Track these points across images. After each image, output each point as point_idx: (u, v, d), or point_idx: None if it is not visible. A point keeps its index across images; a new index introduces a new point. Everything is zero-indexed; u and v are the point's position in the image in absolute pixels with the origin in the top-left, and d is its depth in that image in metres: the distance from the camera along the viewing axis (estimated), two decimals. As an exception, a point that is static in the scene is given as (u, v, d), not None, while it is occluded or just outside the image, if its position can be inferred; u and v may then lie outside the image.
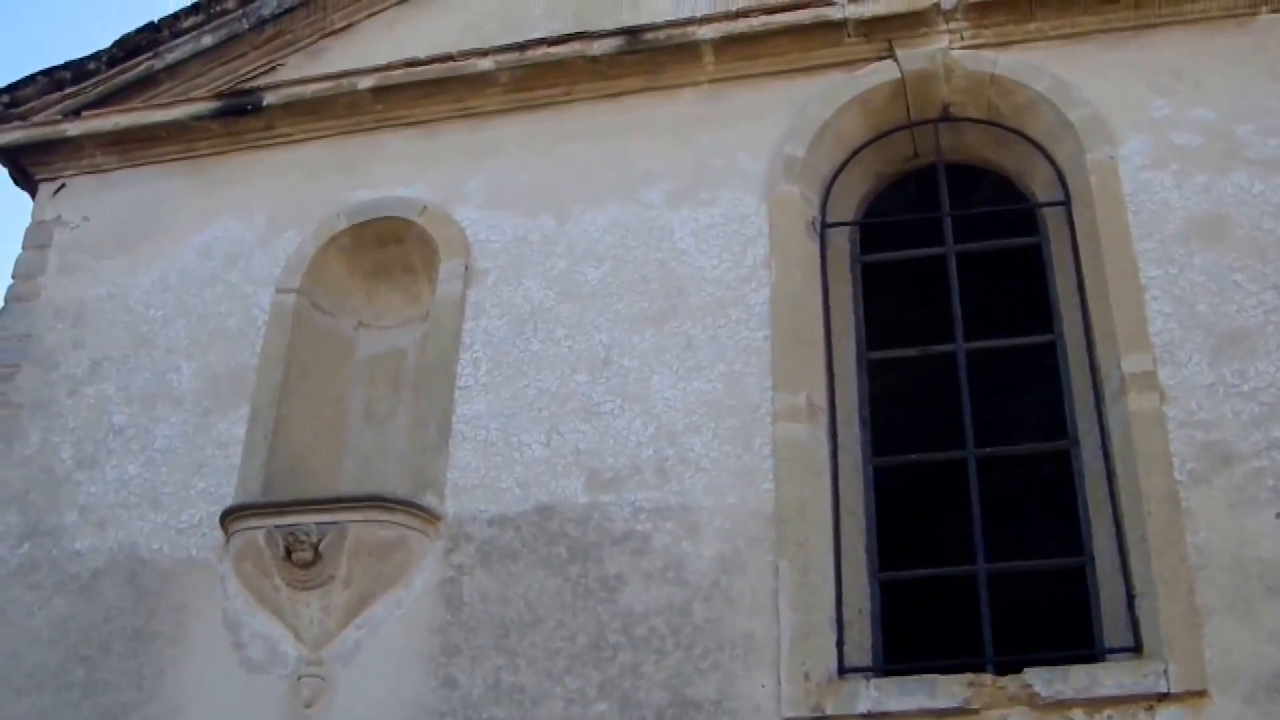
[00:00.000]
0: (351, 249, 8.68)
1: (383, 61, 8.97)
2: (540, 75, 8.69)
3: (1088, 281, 7.59)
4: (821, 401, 7.50)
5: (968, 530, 7.26)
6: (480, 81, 8.75)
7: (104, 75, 9.54)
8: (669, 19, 8.65)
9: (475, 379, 7.90)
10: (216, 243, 8.88)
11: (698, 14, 8.67)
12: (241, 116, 9.12)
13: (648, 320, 7.81)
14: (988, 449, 7.58)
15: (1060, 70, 8.10)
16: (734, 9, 8.59)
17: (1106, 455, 7.16)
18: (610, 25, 8.71)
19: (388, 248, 8.67)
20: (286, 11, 9.50)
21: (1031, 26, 8.24)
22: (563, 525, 7.36)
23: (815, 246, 8.00)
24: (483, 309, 8.10)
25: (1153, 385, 7.07)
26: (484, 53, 8.75)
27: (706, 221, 8.05)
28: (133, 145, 9.32)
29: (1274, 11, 8.08)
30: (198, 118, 9.18)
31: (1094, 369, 7.40)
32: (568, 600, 7.17)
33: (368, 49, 9.26)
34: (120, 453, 8.27)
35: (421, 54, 8.90)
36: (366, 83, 8.91)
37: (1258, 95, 7.84)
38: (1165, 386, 7.07)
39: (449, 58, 8.81)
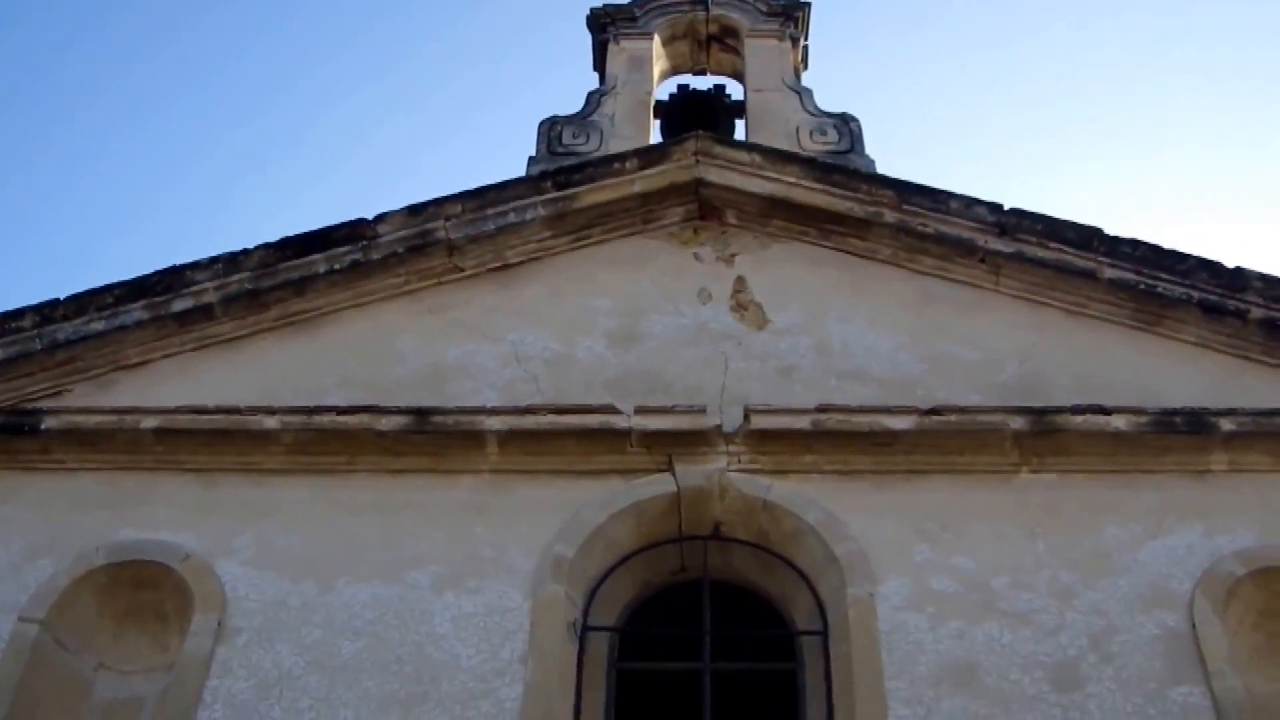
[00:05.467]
0: (106, 587, 8.38)
1: (170, 404, 8.91)
2: (325, 442, 8.70)
3: (838, 714, 7.66)
4: (562, 808, 7.37)
5: None
6: (264, 439, 8.72)
7: (-119, 374, 9.30)
8: (460, 405, 8.80)
9: (210, 740, 7.61)
10: (-34, 560, 8.53)
11: (488, 404, 8.84)
12: (17, 436, 8.89)
13: (396, 702, 7.62)
14: None
15: (831, 504, 8.38)
16: (524, 404, 8.79)
17: None
18: (402, 403, 8.81)
19: (143, 591, 8.39)
20: (82, 339, 9.39)
21: (807, 459, 8.57)
22: None
23: (574, 648, 7.97)
24: (229, 668, 7.83)
25: (885, 827, 7.10)
26: (271, 411, 8.76)
27: (469, 610, 7.98)
28: (-100, 449, 9.01)
29: (1034, 472, 8.57)
30: (-29, 431, 8.95)
31: (837, 802, 7.43)
32: None
33: (158, 389, 9.19)
34: None
35: (210, 402, 8.88)
36: (150, 422, 8.81)
37: (1015, 550, 8.22)
38: (895, 830, 7.11)
39: (236, 410, 8.79)
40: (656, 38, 12.58)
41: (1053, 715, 7.53)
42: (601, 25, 12.66)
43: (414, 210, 9.83)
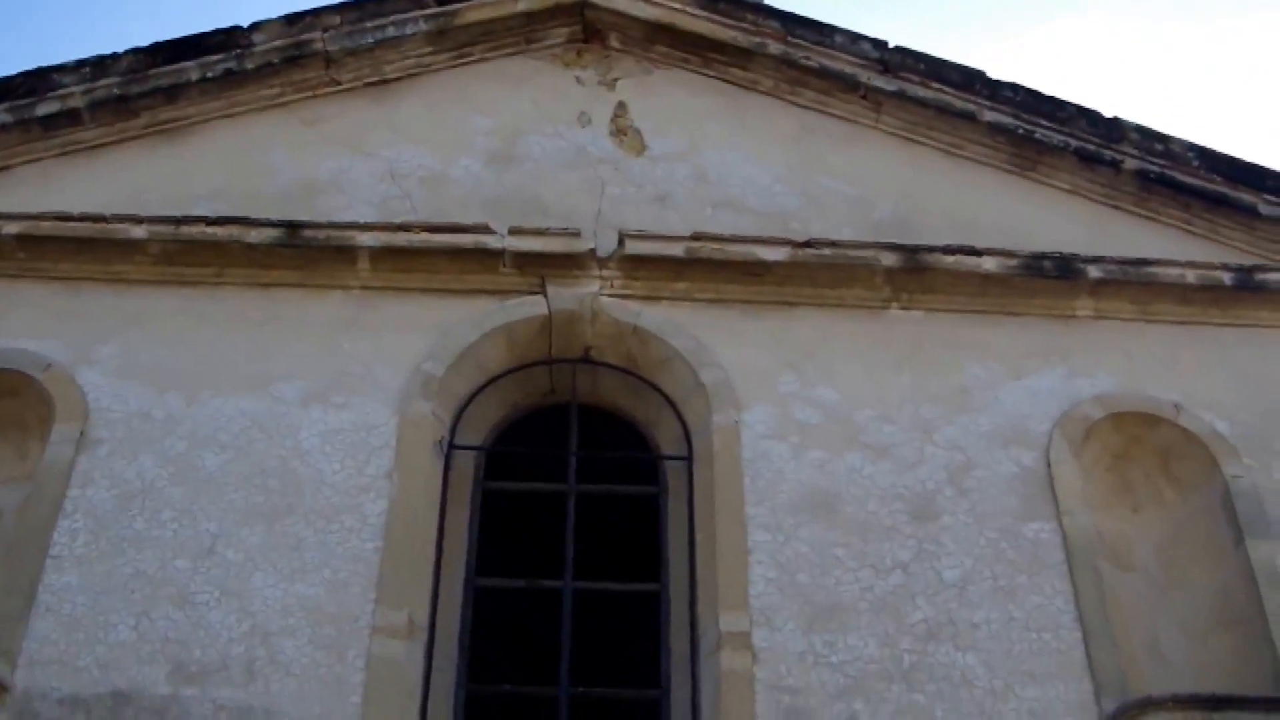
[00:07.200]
0: (-34, 397, 8.27)
1: (33, 210, 8.68)
2: (193, 253, 8.55)
3: (699, 538, 7.80)
4: (423, 621, 7.41)
5: (554, 767, 7.24)
6: (130, 248, 8.55)
7: None
8: (332, 220, 8.69)
9: (70, 550, 7.51)
10: None
11: (361, 220, 8.72)
12: (-128, 240, 8.65)
13: (260, 515, 7.62)
14: (581, 689, 7.58)
15: (700, 332, 8.45)
16: (397, 221, 8.71)
17: (695, 709, 7.28)
18: (273, 216, 8.67)
19: (3, 400, 8.24)
20: (-58, 142, 9.14)
21: (680, 286, 8.61)
22: (138, 714, 6.96)
23: (439, 466, 8.00)
24: (91, 479, 7.76)
25: (746, 645, 7.27)
26: (139, 220, 8.58)
27: (335, 425, 7.97)
28: None
29: (903, 308, 8.70)
30: None
31: (693, 623, 7.56)
32: (132, 795, 6.79)
33: (20, 194, 8.95)
34: None
35: (75, 209, 8.66)
36: (12, 228, 8.58)
37: (880, 384, 8.37)
38: (758, 648, 7.28)
39: (101, 218, 8.59)
40: None
41: (908, 545, 7.73)
42: None
43: (291, 19, 9.60)
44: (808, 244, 8.68)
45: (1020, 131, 9.53)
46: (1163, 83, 28.90)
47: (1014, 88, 9.64)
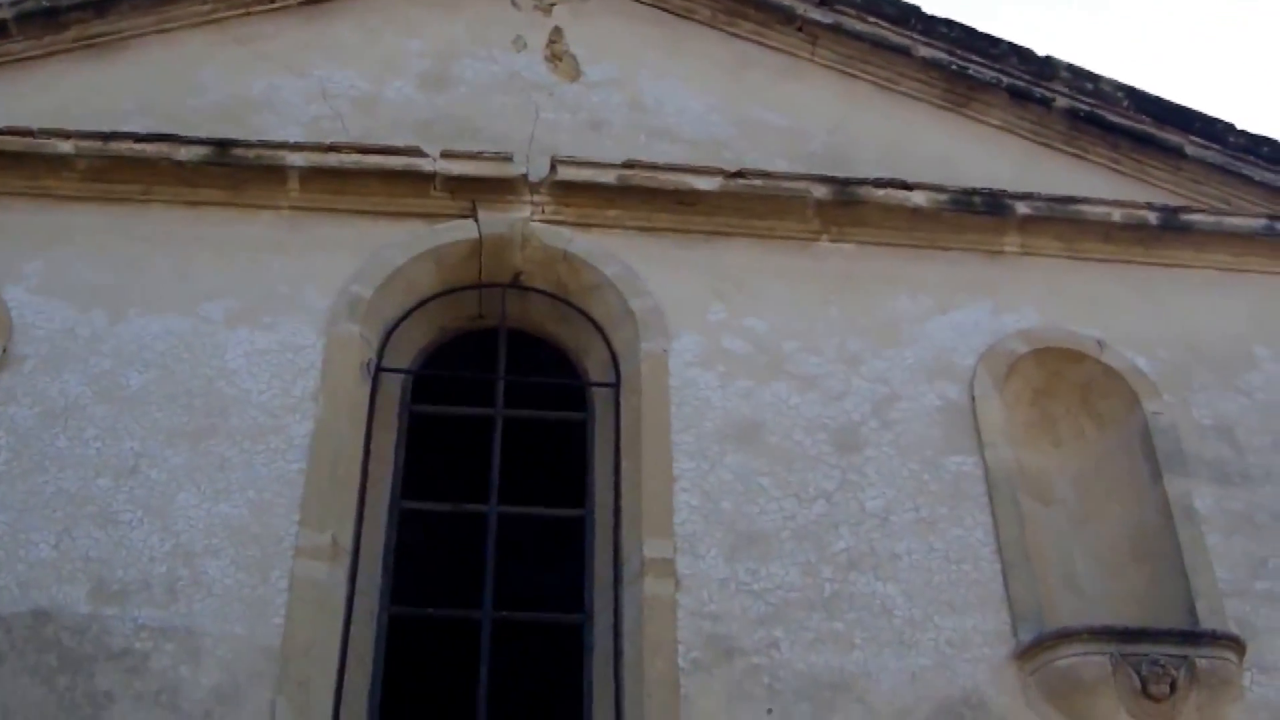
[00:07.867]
0: (-115, 311, 8.13)
1: (-40, 124, 8.56)
2: (121, 169, 8.45)
3: (624, 464, 7.85)
4: (346, 543, 7.42)
5: (475, 691, 7.26)
6: (57, 163, 8.43)
7: None
8: (262, 139, 8.60)
9: (-10, 467, 7.48)
10: None
11: (291, 140, 8.65)
12: None
13: (184, 435, 7.58)
14: (504, 613, 7.62)
15: (631, 259, 8.46)
16: (328, 141, 8.64)
17: (617, 634, 7.34)
18: (203, 134, 8.57)
19: (-76, 316, 8.17)
20: None
21: (611, 213, 8.60)
22: (58, 633, 6.94)
23: (366, 388, 8.00)
24: (13, 396, 7.68)
25: (670, 572, 7.32)
26: (66, 135, 8.46)
27: (262, 346, 7.92)
28: None
29: (833, 241, 8.74)
30: None
31: (617, 549, 7.62)
32: (51, 713, 6.71)
33: (-55, 109, 8.82)
34: None
35: (0, 123, 8.54)
36: (-65, 141, 8.47)
37: (808, 315, 8.43)
38: (681, 575, 7.34)
39: (28, 132, 8.46)
40: None
41: (832, 476, 7.80)
42: None
43: (226, -66, 9.47)
44: (739, 174, 8.70)
45: (954, 67, 9.59)
46: (1096, 23, 28.96)
47: (949, 24, 9.68)
